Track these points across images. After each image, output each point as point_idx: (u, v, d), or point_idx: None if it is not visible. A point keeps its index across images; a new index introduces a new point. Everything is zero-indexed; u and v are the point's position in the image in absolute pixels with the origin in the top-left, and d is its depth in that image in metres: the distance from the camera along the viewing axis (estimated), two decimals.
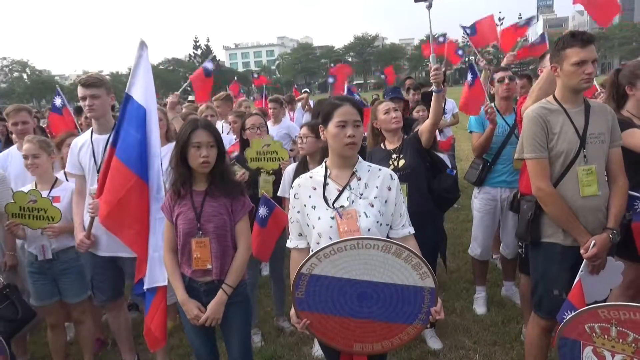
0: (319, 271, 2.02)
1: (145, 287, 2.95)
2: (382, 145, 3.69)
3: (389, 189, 2.23)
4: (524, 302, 3.65)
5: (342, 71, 11.07)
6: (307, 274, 2.03)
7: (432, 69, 3.40)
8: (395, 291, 2.02)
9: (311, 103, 9.39)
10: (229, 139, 4.95)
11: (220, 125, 5.99)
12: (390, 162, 3.51)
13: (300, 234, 2.33)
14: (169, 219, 2.65)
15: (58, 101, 5.30)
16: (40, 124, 7.04)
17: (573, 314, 2.26)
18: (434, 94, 3.51)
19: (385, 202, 2.21)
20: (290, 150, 6.39)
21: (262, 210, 3.41)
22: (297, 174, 3.39)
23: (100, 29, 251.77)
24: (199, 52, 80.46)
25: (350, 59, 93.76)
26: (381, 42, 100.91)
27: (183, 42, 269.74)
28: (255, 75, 9.92)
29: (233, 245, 2.65)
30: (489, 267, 4.56)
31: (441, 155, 3.83)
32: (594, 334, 2.13)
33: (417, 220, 2.41)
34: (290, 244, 2.38)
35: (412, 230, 2.29)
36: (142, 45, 3.17)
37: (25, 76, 76.90)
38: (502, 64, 5.46)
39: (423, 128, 3.65)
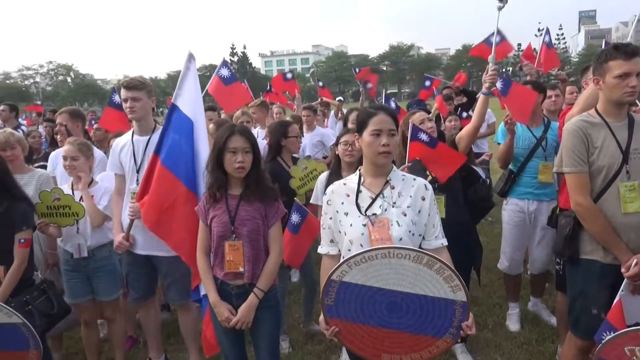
0: (349, 279, 2.02)
1: (202, 294, 2.99)
2: None
3: (423, 198, 2.22)
4: (560, 320, 3.54)
5: (372, 76, 11.08)
6: (337, 281, 2.03)
7: (490, 70, 3.38)
8: (426, 303, 1.99)
9: (344, 111, 9.43)
10: (264, 145, 5.01)
11: (256, 131, 6.07)
12: (428, 173, 3.45)
13: (331, 241, 2.33)
14: (204, 221, 2.71)
15: (117, 98, 5.45)
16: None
17: (612, 335, 2.18)
18: (481, 96, 3.47)
19: (419, 212, 2.20)
20: (324, 157, 6.42)
21: (295, 217, 3.43)
22: (329, 181, 3.40)
23: (141, 35, 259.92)
24: (235, 58, 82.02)
25: (384, 68, 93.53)
26: (416, 52, 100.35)
27: (220, 48, 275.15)
28: (289, 76, 9.90)
29: (265, 250, 2.68)
30: (523, 283, 4.44)
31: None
32: (635, 358, 2.05)
33: (452, 231, 2.39)
34: (321, 249, 2.39)
35: (445, 242, 2.27)
36: (190, 57, 3.27)
37: (69, 79, 79.81)
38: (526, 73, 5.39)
39: (462, 134, 3.61)
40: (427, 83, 9.18)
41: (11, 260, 3.00)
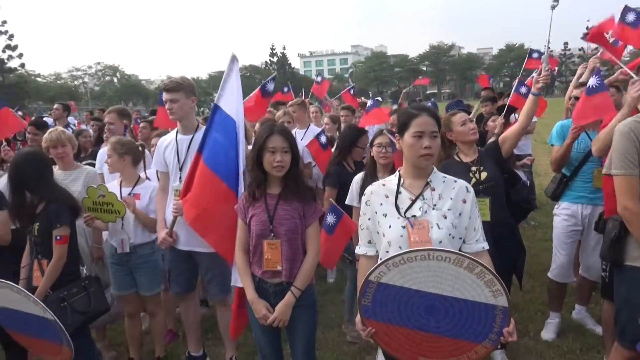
0: (387, 280, 2.00)
1: (232, 284, 3.10)
2: (456, 157, 3.57)
3: (464, 201, 2.18)
4: (606, 330, 3.40)
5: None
6: (375, 282, 2.02)
7: (544, 70, 3.32)
8: (466, 307, 1.96)
9: None
10: (303, 145, 5.04)
11: (294, 131, 6.11)
12: (471, 175, 3.38)
13: (369, 241, 2.33)
14: (243, 220, 2.75)
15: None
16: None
17: None
18: (531, 96, 3.40)
19: (460, 214, 2.16)
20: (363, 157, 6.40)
21: (330, 218, 3.43)
22: (365, 183, 3.40)
23: (183, 36, 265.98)
24: (274, 59, 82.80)
25: (424, 68, 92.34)
26: (457, 52, 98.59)
27: (260, 49, 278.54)
28: (319, 80, 9.94)
29: (303, 249, 2.69)
30: (569, 290, 4.29)
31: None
32: None
33: (497, 234, 2.33)
34: (359, 250, 2.39)
35: (486, 245, 2.22)
36: (233, 59, 3.34)
37: (115, 80, 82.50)
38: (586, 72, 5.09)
39: (507, 134, 3.53)
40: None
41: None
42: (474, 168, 3.43)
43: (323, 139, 5.14)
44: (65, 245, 3.12)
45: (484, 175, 3.39)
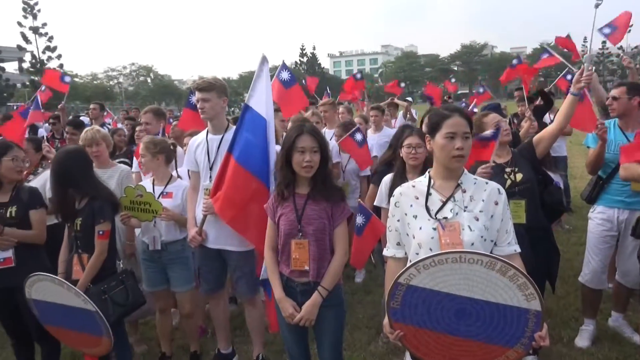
0: (417, 282, 1.98)
1: (261, 278, 3.15)
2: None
3: (496, 203, 2.14)
4: None
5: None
6: (405, 284, 2.00)
7: (586, 70, 3.24)
8: (497, 311, 1.92)
9: (413, 112, 9.27)
10: (332, 145, 5.05)
11: (323, 131, 6.12)
12: (506, 177, 3.31)
13: (398, 243, 2.30)
14: (272, 219, 2.76)
15: (194, 99, 5.71)
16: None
17: None
18: (570, 96, 3.32)
19: (492, 217, 2.12)
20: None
21: (359, 219, 3.42)
22: (394, 184, 3.36)
23: (215, 37, 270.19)
24: (304, 59, 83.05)
25: (455, 68, 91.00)
26: (490, 51, 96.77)
27: (290, 49, 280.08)
28: (359, 76, 9.92)
29: (331, 249, 2.68)
30: (604, 297, 4.15)
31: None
32: None
33: (532, 237, 2.28)
34: (387, 252, 2.37)
35: (518, 248, 2.17)
36: (264, 60, 3.38)
37: (149, 80, 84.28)
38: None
39: (544, 134, 3.44)
40: (515, 62, 8.33)
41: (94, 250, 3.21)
42: (508, 169, 3.36)
43: (359, 136, 5.20)
44: (107, 240, 3.21)
45: (519, 176, 3.32)
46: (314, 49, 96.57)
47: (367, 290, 5.23)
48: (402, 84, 11.58)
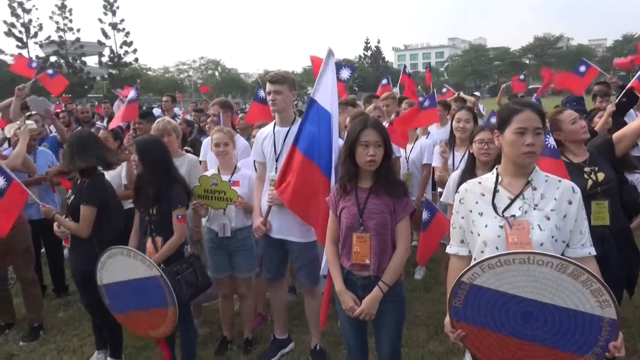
0: (481, 282, 1.93)
1: (322, 274, 3.21)
2: (563, 158, 3.26)
3: (570, 202, 2.02)
4: None
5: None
6: (468, 284, 1.95)
7: None
8: (567, 316, 1.83)
9: (481, 107, 8.97)
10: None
11: (385, 124, 6.05)
12: (586, 177, 3.11)
13: (462, 241, 2.25)
14: (334, 212, 2.78)
15: (262, 93, 5.87)
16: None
17: None
18: None
19: (564, 216, 2.01)
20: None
21: (425, 214, 3.37)
22: (462, 180, 3.27)
23: (280, 31, 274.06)
24: (369, 53, 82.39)
25: (527, 62, 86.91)
26: (566, 43, 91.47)
27: (354, 43, 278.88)
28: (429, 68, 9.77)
29: (392, 244, 2.66)
30: None
31: None
32: None
33: (614, 240, 2.13)
34: (450, 249, 2.31)
35: (593, 251, 2.05)
36: (330, 54, 3.40)
37: (216, 74, 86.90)
38: None
39: (626, 132, 3.21)
40: (582, 69, 7.97)
41: (169, 233, 3.38)
42: (587, 169, 3.15)
43: (427, 103, 5.22)
44: (185, 224, 3.40)
45: (601, 176, 3.10)
46: (378, 42, 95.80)
47: (427, 288, 5.15)
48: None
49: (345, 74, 5.36)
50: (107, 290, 3.36)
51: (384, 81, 9.63)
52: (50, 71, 7.79)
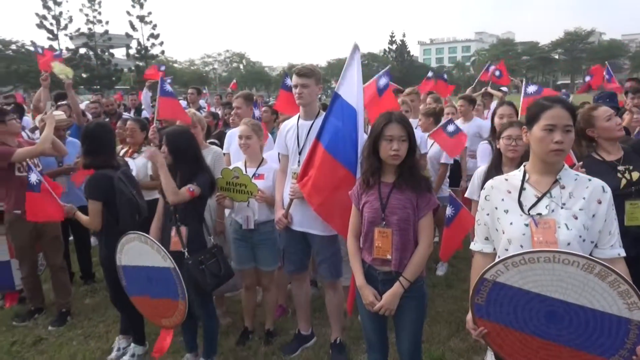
0: (504, 280, 1.90)
1: None
2: (595, 155, 3.19)
3: (599, 202, 1.98)
4: None
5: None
6: (491, 281, 1.93)
7: None
8: (593, 317, 1.79)
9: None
10: (420, 135, 4.96)
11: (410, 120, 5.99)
12: (620, 176, 3.02)
13: (486, 238, 2.22)
14: (356, 206, 2.78)
15: (289, 81, 5.85)
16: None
17: None
18: None
19: (593, 216, 1.97)
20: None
21: (449, 210, 3.33)
22: (488, 176, 3.23)
23: (304, 25, 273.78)
24: (394, 47, 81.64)
25: (556, 56, 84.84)
26: (597, 38, 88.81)
27: (379, 36, 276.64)
28: (430, 75, 9.74)
29: (414, 240, 2.65)
30: None
31: None
32: None
33: None
34: (474, 246, 2.29)
35: (622, 252, 2.00)
36: (355, 48, 3.37)
37: (241, 67, 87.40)
38: None
39: None
40: (607, 77, 7.86)
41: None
42: (621, 167, 3.06)
43: (451, 127, 5.12)
44: (190, 197, 3.35)
45: (635, 175, 3.01)
46: (403, 36, 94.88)
47: (449, 284, 5.11)
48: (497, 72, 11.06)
49: (383, 81, 5.30)
50: (125, 272, 3.47)
51: (430, 74, 9.64)
52: (39, 50, 7.61)
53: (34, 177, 3.90)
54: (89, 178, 3.60)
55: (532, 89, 4.72)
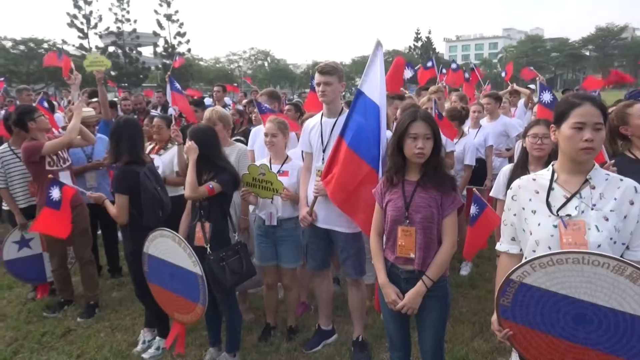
0: (531, 281, 1.87)
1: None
2: (629, 154, 3.10)
3: (632, 203, 1.92)
4: None
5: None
6: (517, 282, 1.90)
7: None
8: (624, 320, 1.75)
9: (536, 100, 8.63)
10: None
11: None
12: None
13: (513, 239, 2.18)
14: (380, 204, 2.77)
15: (315, 81, 5.91)
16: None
17: None
18: None
19: (625, 217, 1.91)
20: (507, 149, 6.00)
21: (473, 209, 3.29)
22: (514, 175, 3.18)
23: (329, 22, 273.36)
24: (419, 44, 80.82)
25: (587, 53, 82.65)
26: (631, 34, 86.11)
27: (404, 33, 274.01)
28: (473, 65, 9.55)
29: (438, 239, 2.62)
30: None
31: None
32: None
33: None
34: (500, 247, 2.25)
35: None
36: (378, 45, 3.35)
37: (266, 64, 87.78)
38: None
39: None
40: None
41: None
42: None
43: (547, 97, 4.91)
44: (209, 194, 3.39)
45: None
46: (429, 33, 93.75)
47: (473, 285, 5.04)
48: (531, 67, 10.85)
49: (408, 74, 5.30)
50: (149, 259, 3.55)
51: (429, 64, 9.36)
52: (56, 54, 7.66)
53: (56, 194, 4.02)
54: (116, 173, 3.69)
55: (547, 97, 4.61)
